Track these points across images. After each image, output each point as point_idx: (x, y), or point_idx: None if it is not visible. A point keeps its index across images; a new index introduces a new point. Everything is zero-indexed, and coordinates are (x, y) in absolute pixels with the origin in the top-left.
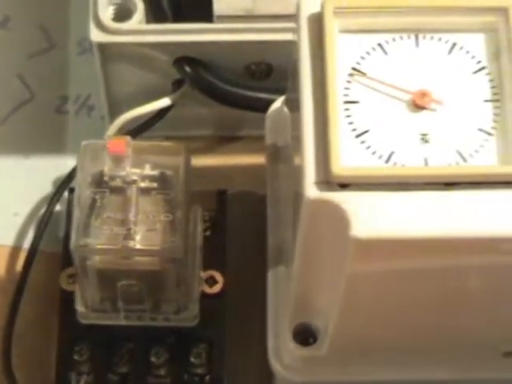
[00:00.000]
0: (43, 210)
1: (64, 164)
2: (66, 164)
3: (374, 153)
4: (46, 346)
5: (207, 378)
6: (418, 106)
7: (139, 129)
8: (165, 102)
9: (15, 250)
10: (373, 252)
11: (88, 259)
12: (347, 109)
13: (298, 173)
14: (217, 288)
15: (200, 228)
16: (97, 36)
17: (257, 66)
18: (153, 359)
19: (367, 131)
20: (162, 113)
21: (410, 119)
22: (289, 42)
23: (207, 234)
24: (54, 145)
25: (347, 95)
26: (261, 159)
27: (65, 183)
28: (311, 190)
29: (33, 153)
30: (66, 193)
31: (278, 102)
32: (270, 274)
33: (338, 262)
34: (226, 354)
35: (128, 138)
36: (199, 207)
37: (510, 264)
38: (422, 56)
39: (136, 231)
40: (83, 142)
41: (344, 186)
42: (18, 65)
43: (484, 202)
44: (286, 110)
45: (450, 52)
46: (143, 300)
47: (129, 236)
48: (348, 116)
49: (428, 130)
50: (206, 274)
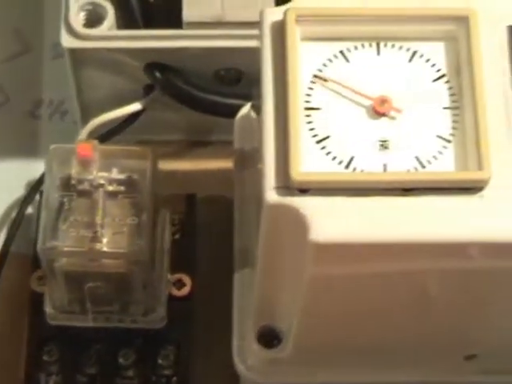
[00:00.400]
0: (15, 212)
1: (37, 167)
2: (39, 167)
3: (334, 158)
4: (15, 346)
5: (174, 379)
6: (377, 113)
7: (111, 133)
8: (136, 106)
9: None
10: (331, 256)
11: (55, 261)
12: (308, 115)
13: (260, 177)
14: (185, 291)
15: (168, 231)
16: (68, 42)
17: (227, 72)
18: (121, 360)
19: (328, 137)
20: (133, 117)
21: (370, 126)
22: (258, 48)
23: (176, 237)
24: (28, 148)
25: (309, 101)
26: (230, 164)
27: (36, 186)
28: (271, 195)
29: (6, 156)
30: (38, 196)
31: (247, 108)
32: (236, 276)
33: (299, 266)
34: (193, 356)
35: (95, 143)
36: (167, 211)
37: (467, 268)
38: (383, 64)
39: (103, 234)
40: (52, 146)
41: (304, 191)
42: None
43: (441, 207)
44: (253, 115)
45: (411, 60)
46: (111, 302)
47: (96, 239)
48: (309, 122)
49: (387, 136)
50: (174, 277)
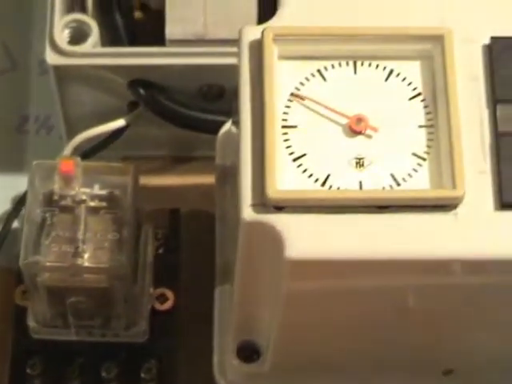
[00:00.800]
0: (0, 227)
1: (23, 182)
2: (25, 182)
3: (310, 176)
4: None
5: None
6: (354, 131)
7: (95, 149)
8: (120, 122)
9: None
10: (307, 272)
11: (38, 276)
12: (285, 133)
13: (237, 195)
14: (168, 305)
15: (151, 246)
16: (52, 59)
17: (209, 88)
18: (104, 374)
19: (304, 155)
20: (118, 133)
21: (346, 144)
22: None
23: (160, 251)
24: (14, 163)
25: (286, 120)
26: (214, 179)
27: (22, 201)
28: (247, 212)
29: None
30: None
31: (228, 124)
32: (217, 291)
33: (276, 282)
34: (176, 370)
35: (78, 159)
36: (150, 226)
37: (442, 284)
38: (360, 82)
39: (84, 249)
40: (34, 162)
41: (280, 209)
42: None
43: (415, 224)
44: (234, 131)
45: (387, 79)
46: (93, 316)
47: (77, 254)
48: (286, 140)
49: (363, 154)
50: (157, 292)
